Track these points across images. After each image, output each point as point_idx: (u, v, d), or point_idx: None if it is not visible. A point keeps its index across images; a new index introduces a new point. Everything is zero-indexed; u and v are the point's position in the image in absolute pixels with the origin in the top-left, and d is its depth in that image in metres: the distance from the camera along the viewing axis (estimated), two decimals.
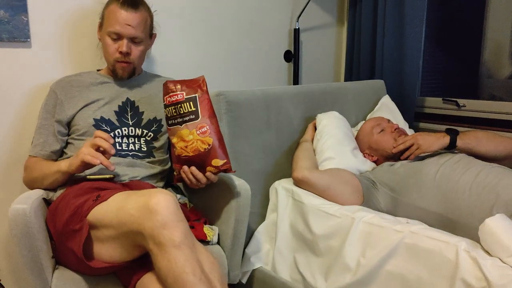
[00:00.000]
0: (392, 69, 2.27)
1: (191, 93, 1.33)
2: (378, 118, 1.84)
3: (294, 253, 1.57)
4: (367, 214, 1.39)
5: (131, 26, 1.44)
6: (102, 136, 1.24)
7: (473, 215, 1.32)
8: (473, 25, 2.63)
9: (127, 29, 1.44)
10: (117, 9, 1.44)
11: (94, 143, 1.23)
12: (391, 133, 1.75)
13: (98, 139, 1.23)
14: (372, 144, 1.77)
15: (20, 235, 1.15)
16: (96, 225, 1.13)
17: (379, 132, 1.77)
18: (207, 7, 2.05)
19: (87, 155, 1.22)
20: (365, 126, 1.84)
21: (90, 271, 1.18)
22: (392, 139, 1.73)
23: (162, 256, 1.01)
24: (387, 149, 1.73)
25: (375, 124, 1.80)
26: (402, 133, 1.75)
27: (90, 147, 1.24)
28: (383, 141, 1.74)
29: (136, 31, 1.45)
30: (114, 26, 1.44)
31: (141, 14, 1.46)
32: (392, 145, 1.71)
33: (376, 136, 1.76)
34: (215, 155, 1.32)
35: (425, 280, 1.19)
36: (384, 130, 1.77)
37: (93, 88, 1.52)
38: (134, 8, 1.45)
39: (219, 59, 2.14)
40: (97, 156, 1.22)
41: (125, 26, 1.43)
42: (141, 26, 1.47)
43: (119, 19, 1.43)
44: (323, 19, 2.54)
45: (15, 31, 1.57)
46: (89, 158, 1.22)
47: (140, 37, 1.48)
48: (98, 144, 1.23)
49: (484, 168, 1.42)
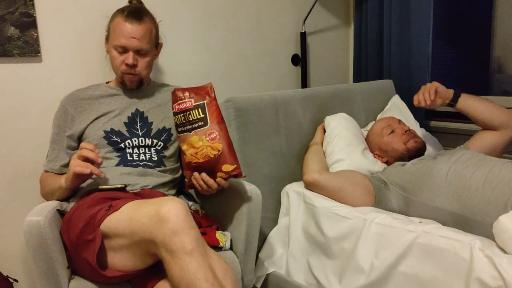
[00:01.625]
0: (401, 68, 2.26)
1: (199, 100, 1.35)
2: (389, 119, 1.83)
3: (307, 257, 1.57)
4: (379, 215, 1.39)
5: (136, 38, 1.45)
6: (88, 147, 1.27)
7: (486, 212, 1.31)
8: (481, 20, 2.60)
9: (132, 42, 1.45)
10: (121, 22, 1.46)
11: (81, 155, 1.27)
12: (401, 136, 1.73)
13: (84, 151, 1.27)
14: (382, 146, 1.76)
15: (35, 246, 1.18)
16: (109, 234, 1.14)
17: (389, 133, 1.75)
18: (213, 14, 2.07)
19: (76, 167, 1.25)
20: (375, 126, 1.83)
21: (105, 280, 1.19)
22: (402, 141, 1.72)
23: (175, 263, 1.02)
24: (397, 151, 1.71)
25: (385, 125, 1.79)
26: (412, 135, 1.73)
27: (78, 159, 1.27)
28: (393, 143, 1.73)
29: (141, 43, 1.47)
30: (119, 39, 1.45)
31: (145, 25, 1.48)
32: (402, 147, 1.70)
33: (386, 138, 1.75)
34: (225, 160, 1.33)
35: (440, 280, 1.18)
36: (395, 131, 1.75)
37: (103, 101, 1.54)
38: (139, 20, 1.46)
39: (227, 66, 2.15)
40: (86, 166, 1.26)
41: (130, 39, 1.45)
42: (146, 38, 1.48)
43: (124, 32, 1.45)
44: (329, 21, 2.54)
45: (26, 47, 1.61)
46: (79, 169, 1.25)
47: (146, 49, 1.49)
48: (85, 155, 1.26)
49: (496, 164, 1.40)
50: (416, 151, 1.69)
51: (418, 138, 1.73)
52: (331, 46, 2.57)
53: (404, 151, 1.70)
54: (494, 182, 1.35)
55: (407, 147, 1.70)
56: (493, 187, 1.34)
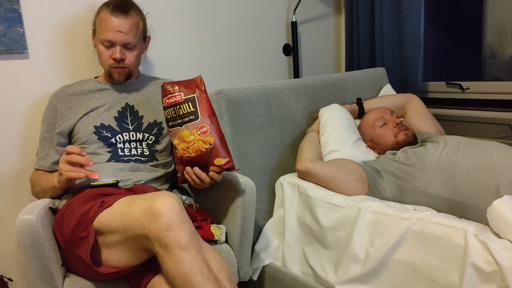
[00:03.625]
0: (393, 55, 2.25)
1: (189, 94, 1.33)
2: (381, 110, 1.82)
3: (303, 247, 1.57)
4: (374, 203, 1.39)
5: (123, 32, 1.43)
6: (74, 151, 1.22)
7: (479, 196, 1.31)
8: (473, 5, 2.59)
9: (119, 36, 1.43)
10: (107, 16, 1.43)
11: (70, 160, 1.22)
12: (393, 128, 1.73)
13: (73, 156, 1.21)
14: (373, 138, 1.76)
15: (28, 245, 1.16)
16: (102, 231, 1.13)
17: (381, 125, 1.75)
18: (201, 5, 2.04)
19: (71, 172, 1.21)
20: (367, 117, 1.83)
21: (100, 277, 1.19)
22: (392, 134, 1.72)
23: (169, 258, 1.01)
24: (388, 143, 1.72)
25: (377, 117, 1.78)
26: (403, 128, 1.72)
27: (66, 163, 1.22)
28: (385, 135, 1.73)
29: (128, 37, 1.44)
30: (106, 33, 1.43)
31: (132, 19, 1.45)
32: (392, 140, 1.72)
33: (378, 130, 1.75)
34: (217, 154, 1.32)
35: (435, 266, 1.18)
36: (387, 123, 1.75)
37: (92, 96, 1.52)
38: (125, 14, 1.44)
39: (217, 57, 2.13)
40: (79, 170, 1.22)
41: (116, 33, 1.43)
42: (133, 32, 1.46)
43: (110, 27, 1.42)
44: (319, 10, 2.52)
45: (12, 43, 1.58)
46: (73, 174, 1.21)
47: (133, 43, 1.47)
48: (74, 161, 1.22)
49: (487, 148, 1.41)
50: (406, 145, 1.69)
51: (409, 131, 1.72)
52: (322, 35, 2.56)
53: (394, 144, 1.70)
54: (486, 166, 1.35)
55: (397, 140, 1.70)
56: (485, 171, 1.34)
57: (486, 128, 2.03)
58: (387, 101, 1.95)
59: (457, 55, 2.71)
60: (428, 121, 1.86)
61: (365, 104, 1.93)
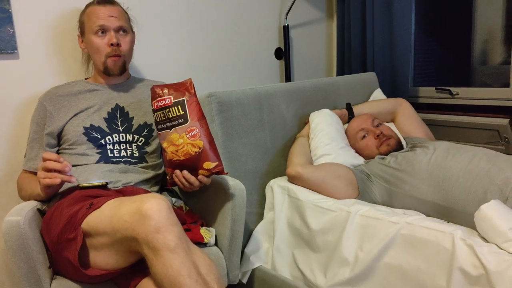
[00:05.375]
0: (384, 60, 2.27)
1: (178, 97, 1.33)
2: (363, 120, 1.82)
3: (292, 250, 1.57)
4: (363, 207, 1.39)
5: (114, 16, 1.49)
6: (51, 158, 1.20)
7: (468, 201, 1.32)
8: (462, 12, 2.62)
9: (112, 20, 1.48)
10: (95, 8, 1.49)
11: (46, 167, 1.20)
12: (374, 140, 1.74)
13: (49, 163, 1.19)
14: (357, 149, 1.79)
15: (15, 247, 1.15)
16: (91, 233, 1.12)
17: (362, 137, 1.76)
18: (194, 8, 2.04)
19: (45, 179, 1.20)
20: (350, 127, 1.84)
21: (88, 279, 1.18)
22: (375, 146, 1.73)
23: (157, 260, 1.01)
24: (371, 155, 1.74)
25: (358, 128, 1.79)
26: (385, 139, 1.72)
27: (43, 170, 1.21)
28: (367, 148, 1.75)
29: (120, 21, 1.50)
30: (97, 22, 1.47)
31: (118, 7, 1.53)
32: (375, 152, 1.73)
33: (360, 143, 1.77)
34: (207, 158, 1.31)
35: (423, 270, 1.19)
36: (367, 135, 1.76)
37: (82, 97, 1.52)
38: (111, 3, 1.51)
39: (209, 60, 2.13)
40: (54, 176, 1.19)
41: (108, 18, 1.48)
42: (123, 17, 1.52)
43: (100, 15, 1.47)
44: (311, 14, 2.53)
45: (2, 43, 1.57)
46: (48, 181, 1.19)
47: (126, 27, 1.52)
48: (50, 168, 1.19)
49: (476, 154, 1.42)
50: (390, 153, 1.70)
51: (391, 140, 1.72)
52: (314, 39, 2.57)
53: (378, 154, 1.72)
54: (474, 172, 1.36)
55: (379, 152, 1.71)
56: (473, 177, 1.36)
57: (475, 133, 2.05)
58: (377, 105, 1.97)
59: (447, 61, 2.74)
60: (418, 125, 1.88)
61: (354, 109, 1.94)
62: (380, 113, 1.92)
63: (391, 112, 1.95)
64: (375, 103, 1.99)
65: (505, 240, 1.09)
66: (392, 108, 1.95)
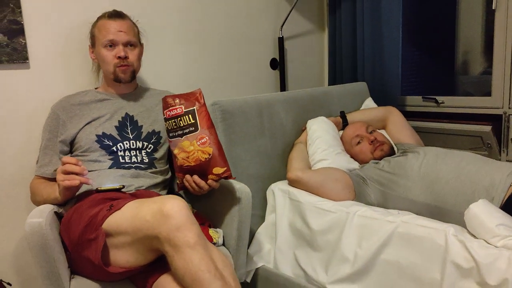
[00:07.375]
0: (374, 71, 2.38)
1: (189, 106, 1.41)
2: (357, 127, 1.92)
3: (294, 250, 1.66)
4: (361, 208, 1.49)
5: (123, 31, 1.56)
6: (70, 161, 1.28)
7: (457, 202, 1.43)
8: (446, 25, 2.77)
9: (120, 35, 1.55)
10: (106, 21, 1.56)
11: (65, 170, 1.27)
12: (369, 145, 1.84)
13: (68, 166, 1.27)
14: (352, 154, 1.89)
15: (38, 247, 1.21)
16: (111, 233, 1.19)
17: (356, 143, 1.87)
18: (194, 22, 2.13)
19: (65, 181, 1.27)
20: (345, 134, 1.95)
21: (107, 277, 1.24)
22: (369, 151, 1.83)
23: (178, 256, 1.08)
24: (365, 160, 1.84)
25: (353, 135, 1.89)
26: (378, 144, 1.83)
27: (62, 173, 1.28)
28: (361, 153, 1.85)
29: (129, 36, 1.57)
30: (107, 36, 1.54)
31: (128, 22, 1.61)
32: (369, 157, 1.82)
33: (355, 148, 1.87)
34: (216, 163, 1.39)
35: (419, 265, 1.29)
36: (362, 141, 1.86)
37: (93, 106, 1.58)
38: (121, 18, 1.59)
39: (209, 70, 2.22)
40: (73, 178, 1.26)
41: (117, 33, 1.55)
42: (131, 32, 1.59)
43: (110, 29, 1.55)
44: (305, 26, 2.65)
45: (14, 54, 1.63)
46: (68, 183, 1.26)
47: (134, 41, 1.59)
48: (69, 171, 1.27)
49: (463, 158, 1.54)
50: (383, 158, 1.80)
51: (385, 145, 1.83)
52: (307, 50, 2.68)
53: (372, 159, 1.82)
54: (463, 175, 1.48)
55: (373, 157, 1.82)
56: (462, 180, 1.47)
57: (460, 139, 2.17)
58: (369, 113, 2.08)
59: (433, 72, 2.88)
60: (408, 132, 1.99)
61: (348, 117, 2.05)
62: (372, 120, 2.03)
63: (382, 119, 2.06)
64: (367, 111, 2.11)
65: (492, 236, 1.19)
66: (383, 116, 2.06)
